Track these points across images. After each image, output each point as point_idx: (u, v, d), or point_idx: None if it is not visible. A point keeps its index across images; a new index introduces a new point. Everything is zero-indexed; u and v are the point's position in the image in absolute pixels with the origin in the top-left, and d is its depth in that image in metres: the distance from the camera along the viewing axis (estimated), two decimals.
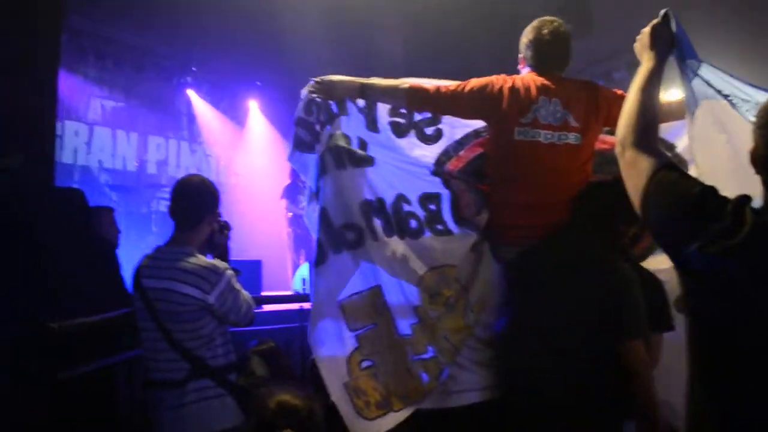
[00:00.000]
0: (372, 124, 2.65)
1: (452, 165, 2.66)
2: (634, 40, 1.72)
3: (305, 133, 2.61)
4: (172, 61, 8.79)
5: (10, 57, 3.15)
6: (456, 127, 2.65)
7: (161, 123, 9.09)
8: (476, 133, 2.65)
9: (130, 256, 3.79)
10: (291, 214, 7.53)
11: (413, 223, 2.59)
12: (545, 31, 2.46)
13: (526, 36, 2.52)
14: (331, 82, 2.52)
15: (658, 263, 2.36)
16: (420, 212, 2.61)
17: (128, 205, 8.26)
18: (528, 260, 2.37)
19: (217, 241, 2.57)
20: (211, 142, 9.59)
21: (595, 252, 2.23)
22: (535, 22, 2.51)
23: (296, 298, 4.69)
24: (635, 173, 1.36)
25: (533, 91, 2.39)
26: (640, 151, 1.39)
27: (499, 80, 2.44)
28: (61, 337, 2.26)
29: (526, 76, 2.47)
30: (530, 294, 2.31)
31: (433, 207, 2.62)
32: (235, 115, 9.79)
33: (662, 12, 1.70)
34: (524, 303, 2.34)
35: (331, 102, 2.60)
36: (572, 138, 2.39)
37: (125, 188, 8.35)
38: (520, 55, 2.56)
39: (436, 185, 2.65)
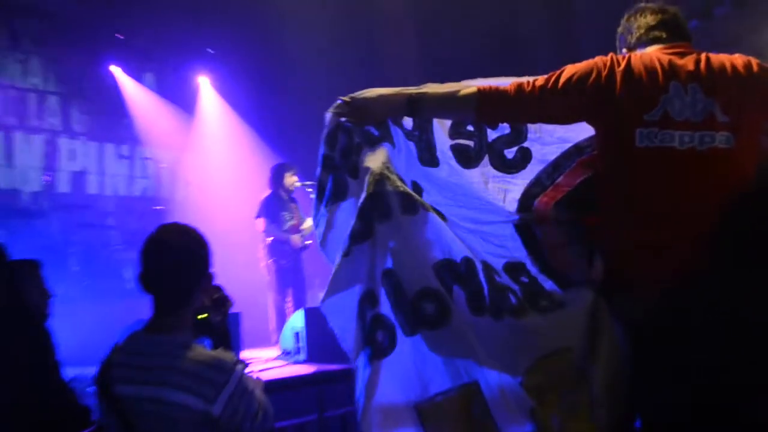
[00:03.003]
0: (427, 154, 2.68)
1: (547, 197, 2.67)
2: None
3: (331, 178, 2.63)
4: (85, 27, 8.79)
5: None
6: (548, 144, 2.68)
7: (74, 117, 9.10)
8: (579, 149, 2.66)
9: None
10: (271, 238, 7.53)
11: (512, 299, 2.59)
12: (647, 3, 2.63)
13: (626, 17, 2.67)
14: (366, 99, 2.55)
15: None
16: (514, 286, 2.63)
17: (35, 237, 8.24)
18: (666, 316, 2.35)
19: (212, 319, 2.56)
20: (148, 139, 9.59)
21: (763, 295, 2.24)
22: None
23: (314, 378, 4.66)
24: None
25: (660, 74, 2.38)
26: None
27: (606, 63, 2.44)
28: None
29: (647, 53, 2.49)
30: (678, 367, 2.30)
31: (525, 279, 2.64)
32: (180, 98, 9.81)
33: None
34: (670, 382, 2.33)
35: (368, 127, 2.64)
36: (721, 139, 2.36)
37: (29, 213, 8.36)
38: (624, 49, 2.65)
39: (517, 249, 2.67)
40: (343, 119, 2.59)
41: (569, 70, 2.46)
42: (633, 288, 2.46)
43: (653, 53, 2.48)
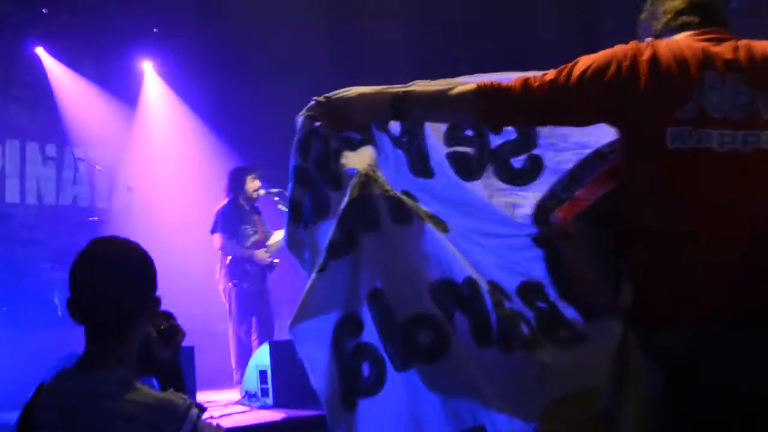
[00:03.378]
0: (420, 164, 2.73)
1: (563, 212, 2.67)
2: None
3: (309, 195, 2.66)
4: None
5: None
6: (563, 151, 2.71)
7: None
8: (600, 156, 2.67)
9: None
10: (230, 258, 7.51)
11: (524, 329, 2.60)
12: None
13: (650, 1, 2.71)
14: (344, 99, 2.59)
15: None
16: (528, 313, 2.64)
17: None
18: (703, 345, 2.35)
19: (159, 354, 2.54)
20: (80, 137, 9.57)
21: None
22: None
23: (284, 426, 4.66)
24: None
25: (692, 63, 2.39)
26: None
27: (627, 53, 2.44)
28: None
29: (675, 41, 2.50)
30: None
31: (542, 305, 2.65)
32: (120, 87, 9.82)
33: None
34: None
35: (348, 132, 2.68)
36: (767, 139, 2.37)
37: None
38: (649, 38, 2.64)
39: (536, 268, 2.69)
40: (317, 123, 2.62)
41: (584, 61, 2.47)
42: (663, 311, 2.45)
43: (683, 40, 2.50)
